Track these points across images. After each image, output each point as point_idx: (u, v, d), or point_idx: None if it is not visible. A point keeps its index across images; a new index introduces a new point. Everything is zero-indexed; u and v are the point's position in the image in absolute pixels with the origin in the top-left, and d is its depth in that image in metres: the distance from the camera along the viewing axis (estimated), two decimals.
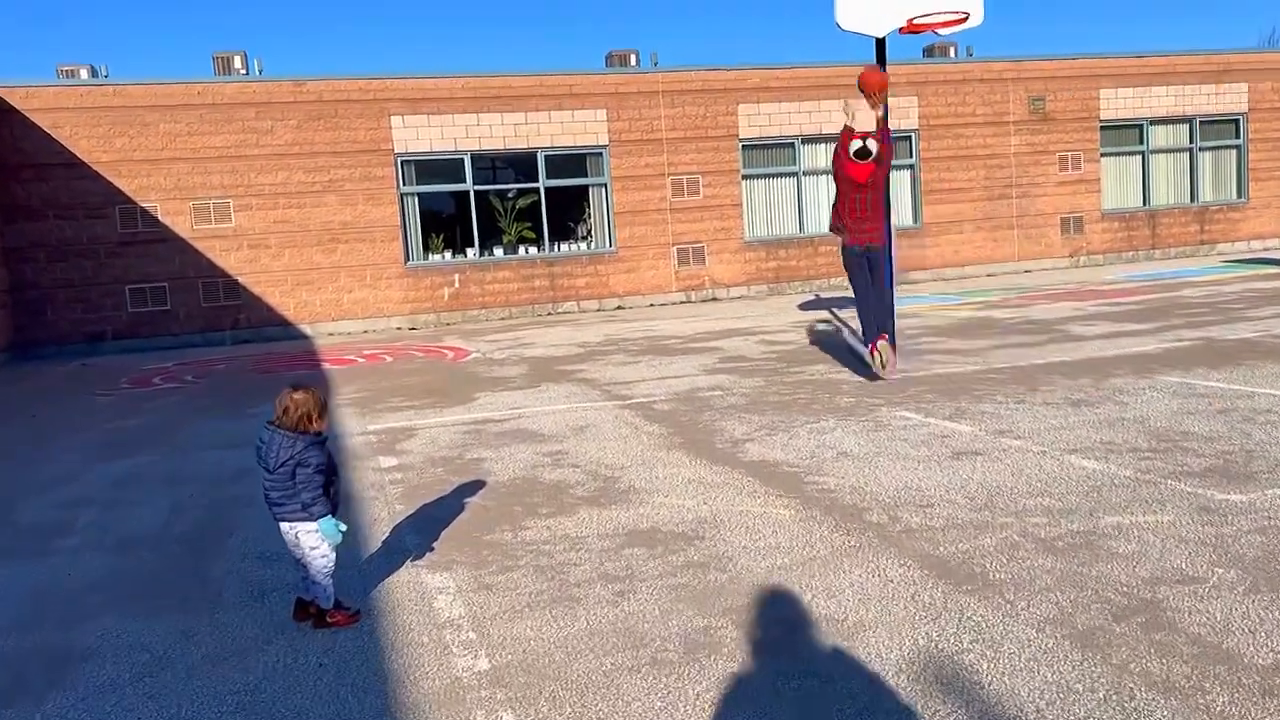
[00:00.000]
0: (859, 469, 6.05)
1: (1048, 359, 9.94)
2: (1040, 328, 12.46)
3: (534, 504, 5.73)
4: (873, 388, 8.92)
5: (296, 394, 3.91)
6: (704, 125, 19.83)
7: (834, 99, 20.49)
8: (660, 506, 5.48)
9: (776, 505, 5.36)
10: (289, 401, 3.89)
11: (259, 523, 5.66)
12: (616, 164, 19.43)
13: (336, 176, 18.06)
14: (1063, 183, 22.12)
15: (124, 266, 17.31)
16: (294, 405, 3.88)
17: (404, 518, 5.61)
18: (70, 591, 4.68)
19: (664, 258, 19.84)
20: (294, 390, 3.93)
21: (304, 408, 3.88)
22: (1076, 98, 21.97)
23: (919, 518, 4.97)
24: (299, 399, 3.89)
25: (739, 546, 4.69)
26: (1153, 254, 22.78)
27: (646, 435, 7.49)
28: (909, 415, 7.58)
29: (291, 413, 3.88)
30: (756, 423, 7.70)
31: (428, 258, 19.08)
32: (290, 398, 3.90)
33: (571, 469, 6.54)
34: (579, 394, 9.66)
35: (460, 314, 18.99)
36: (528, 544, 4.95)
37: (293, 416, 3.88)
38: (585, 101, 19.21)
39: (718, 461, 6.49)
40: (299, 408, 3.88)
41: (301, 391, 3.92)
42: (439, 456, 7.19)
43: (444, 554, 4.88)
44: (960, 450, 6.35)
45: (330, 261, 18.16)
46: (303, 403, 3.89)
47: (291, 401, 3.89)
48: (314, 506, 3.85)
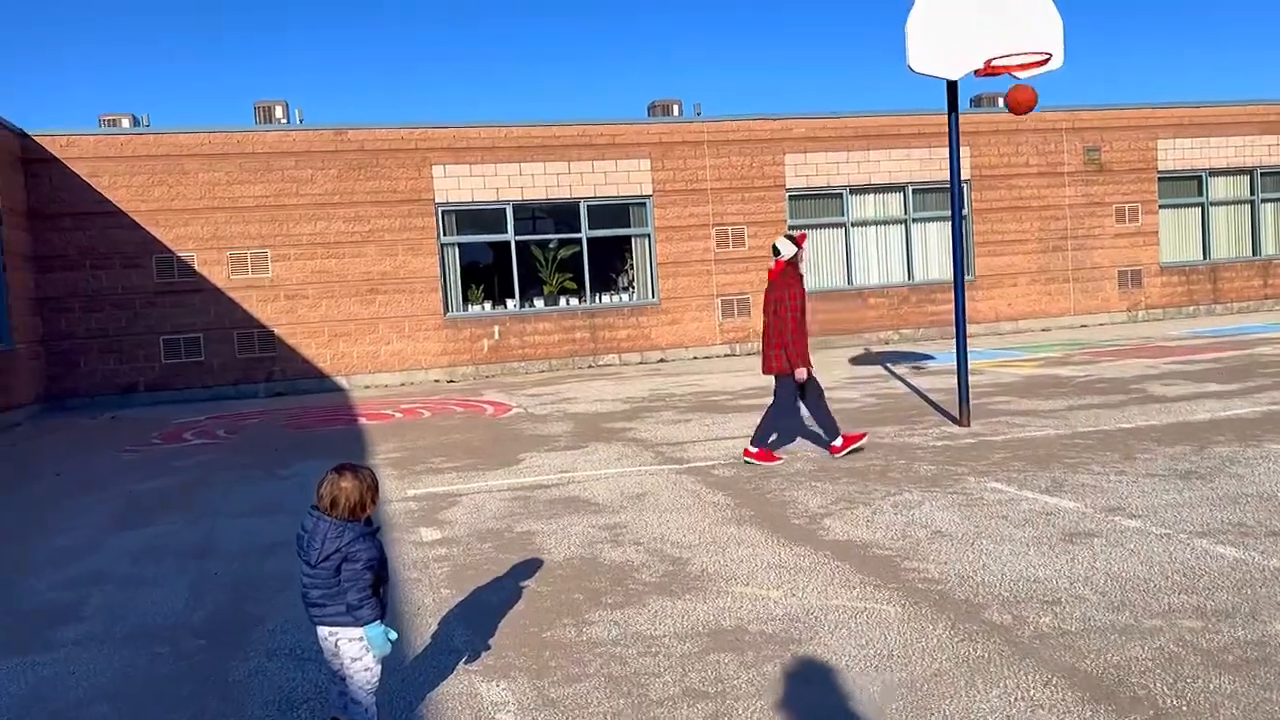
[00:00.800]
0: (961, 553, 5.36)
1: (1134, 422, 9.21)
2: (1115, 387, 11.72)
3: (596, 591, 5.08)
4: (953, 454, 8.23)
5: (345, 481, 3.31)
6: (749, 175, 19.36)
7: (883, 149, 20.01)
8: (741, 598, 4.82)
9: (877, 599, 4.68)
10: (337, 491, 3.29)
11: (289, 608, 5.06)
12: (660, 214, 18.97)
13: (376, 226, 17.71)
14: (1120, 235, 21.40)
15: (159, 317, 16.99)
16: (344, 495, 3.29)
17: (452, 606, 4.99)
18: (72, 699, 4.08)
19: (708, 310, 19.27)
20: (342, 475, 3.33)
21: (354, 496, 3.29)
22: (1133, 148, 21.32)
23: (1048, 618, 4.28)
24: (348, 488, 3.29)
25: (844, 655, 4.01)
26: (1214, 308, 21.92)
27: (711, 506, 6.84)
28: (1001, 487, 6.88)
29: (340, 503, 3.28)
30: (831, 493, 7.03)
31: (467, 309, 18.64)
32: (339, 486, 3.30)
33: (634, 547, 5.89)
34: (631, 456, 9.04)
35: (499, 366, 18.48)
36: (595, 645, 4.30)
37: (341, 507, 3.29)
38: (629, 151, 18.83)
39: (797, 541, 5.83)
40: (348, 497, 3.28)
41: (351, 477, 3.32)
42: (486, 529, 6.57)
43: (500, 655, 4.24)
44: (1071, 531, 5.65)
45: (369, 313, 17.75)
46: (352, 491, 3.29)
47: (340, 490, 3.29)
48: (361, 610, 3.24)
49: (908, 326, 20.36)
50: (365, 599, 3.24)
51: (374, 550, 3.29)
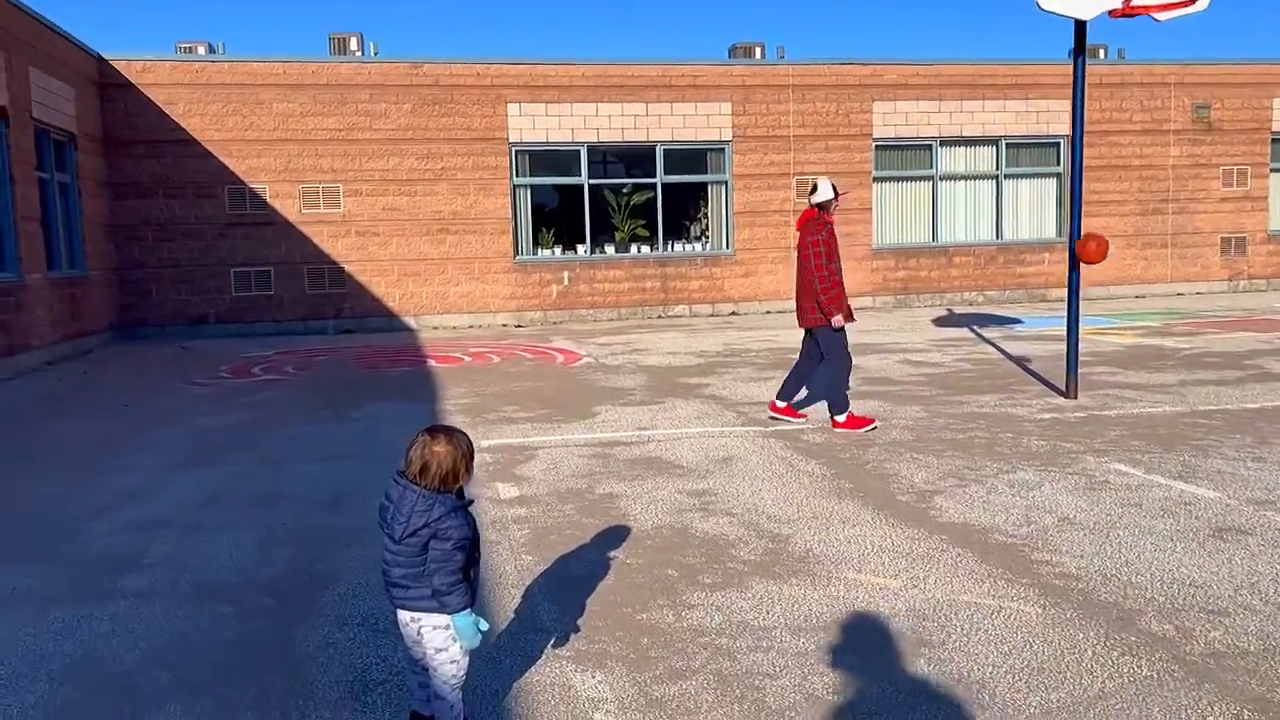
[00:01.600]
0: (1097, 546, 4.81)
1: (1260, 403, 8.49)
2: (1228, 361, 10.92)
3: (691, 568, 4.64)
4: (1064, 429, 7.62)
5: (439, 444, 2.86)
6: (834, 123, 18.54)
7: (977, 99, 19.02)
8: (855, 586, 4.34)
9: (1010, 596, 4.17)
10: (429, 456, 2.84)
11: (360, 568, 4.70)
12: (739, 161, 18.28)
13: (449, 165, 17.30)
14: (1225, 199, 20.20)
15: (230, 249, 16.83)
16: (436, 461, 2.84)
17: (535, 575, 4.58)
18: (127, 663, 3.75)
19: (783, 263, 18.59)
20: (435, 438, 2.87)
21: (447, 464, 2.85)
22: (1246, 106, 20.03)
23: (1218, 632, 3.74)
24: (441, 453, 2.84)
25: (985, 663, 3.52)
26: None
27: (806, 477, 6.35)
28: (1126, 470, 6.28)
29: (431, 469, 2.84)
30: (937, 468, 6.48)
31: (537, 253, 18.21)
32: (431, 450, 2.85)
33: (726, 518, 5.43)
34: (711, 415, 8.56)
35: (567, 313, 18.07)
36: (697, 633, 3.86)
37: (433, 475, 2.84)
38: (709, 94, 18.10)
39: (907, 521, 5.32)
40: (440, 464, 2.84)
41: (445, 441, 2.87)
42: (566, 489, 6.16)
43: (592, 638, 3.82)
44: (1220, 526, 5.06)
45: (438, 253, 17.42)
46: (446, 457, 2.84)
47: (432, 456, 2.84)
48: (449, 595, 2.81)
49: (993, 288, 19.50)
50: (454, 584, 2.81)
51: (466, 528, 2.85)
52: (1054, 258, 19.67)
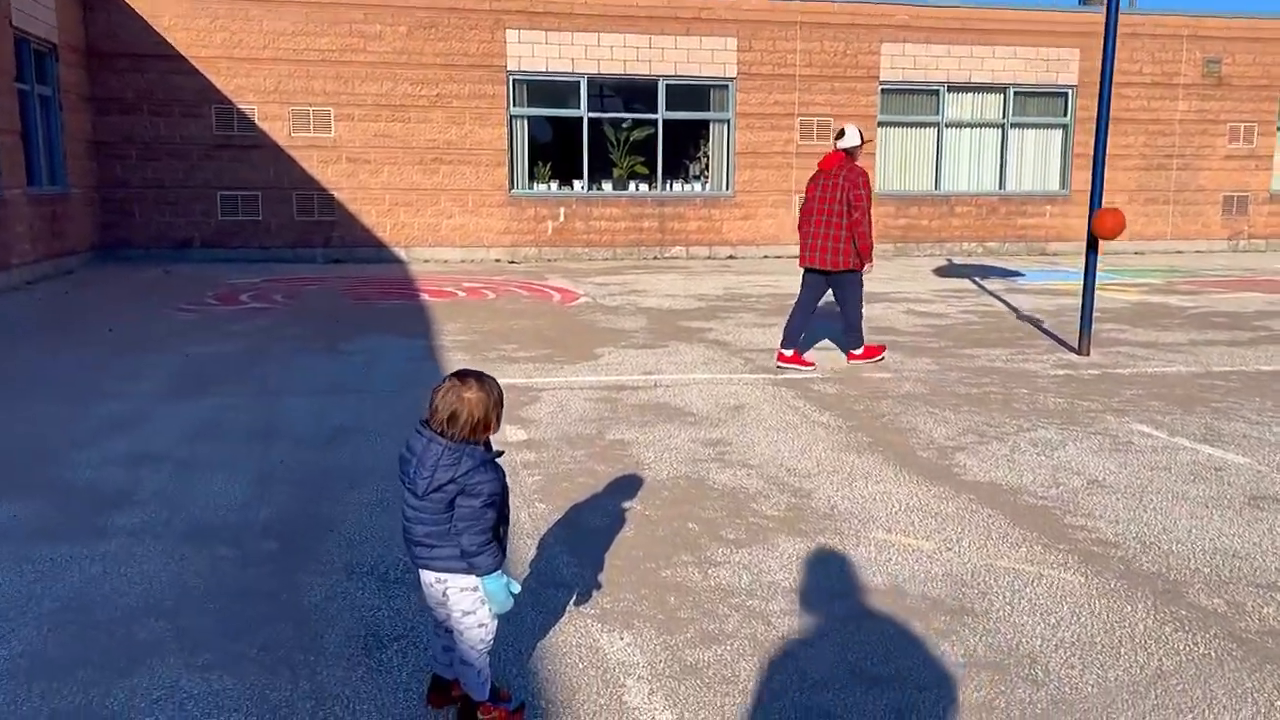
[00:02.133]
0: (1131, 511, 4.64)
1: (1275, 365, 8.35)
2: (1236, 321, 10.77)
3: (713, 522, 4.44)
4: (1079, 386, 7.44)
5: (469, 391, 2.59)
6: (842, 63, 18.08)
7: (987, 45, 18.59)
8: (887, 548, 4.15)
9: (1049, 562, 4.00)
10: (458, 403, 2.58)
11: (364, 512, 4.48)
12: (743, 99, 17.83)
13: (445, 92, 16.78)
14: (1230, 156, 19.94)
15: (216, 171, 16.34)
16: (467, 409, 2.58)
17: (550, 525, 4.37)
18: (120, 611, 3.52)
19: (784, 206, 18.26)
20: (465, 384, 2.61)
21: (479, 412, 2.59)
22: (1259, 62, 19.67)
23: (1271, 608, 3.57)
24: (472, 400, 2.58)
25: (1034, 635, 3.34)
26: None
27: (821, 428, 6.15)
28: (1149, 431, 6.11)
29: (461, 418, 2.58)
30: (955, 423, 6.30)
31: (533, 187, 17.79)
32: (461, 396, 2.58)
33: (744, 470, 5.23)
34: (718, 361, 8.34)
35: (562, 250, 17.72)
36: (727, 594, 3.67)
37: (462, 424, 2.58)
38: (715, 28, 17.59)
39: (932, 478, 5.13)
40: (471, 412, 2.59)
41: (476, 387, 2.60)
42: (575, 434, 5.94)
43: (615, 596, 3.62)
44: (1254, 495, 4.90)
45: (431, 183, 16.97)
46: (477, 405, 2.58)
47: (462, 403, 2.58)
48: (480, 556, 2.58)
49: (994, 239, 19.26)
50: (485, 544, 2.58)
51: (497, 483, 2.61)
52: (1055, 210, 19.42)
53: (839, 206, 7.72)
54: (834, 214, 7.75)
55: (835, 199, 7.75)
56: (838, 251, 7.78)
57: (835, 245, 7.78)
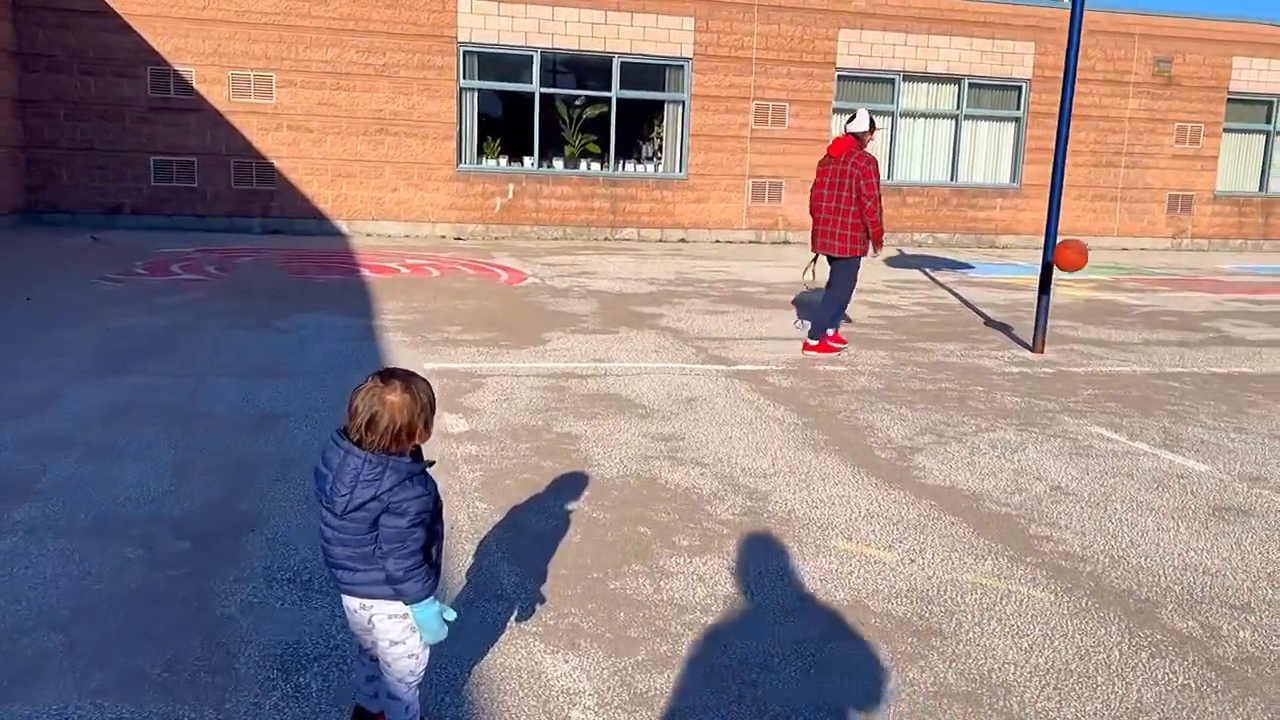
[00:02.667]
0: (1096, 521, 4.48)
1: (1225, 367, 8.32)
2: (1185, 321, 10.79)
3: (665, 526, 4.19)
4: (1035, 385, 7.32)
5: (393, 393, 2.29)
6: (799, 48, 17.86)
7: (944, 34, 18.50)
8: (848, 558, 3.93)
9: (1016, 578, 3.81)
10: (378, 406, 2.27)
11: (292, 508, 4.16)
12: (698, 81, 17.54)
13: (392, 61, 16.24)
14: (1177, 156, 20.14)
15: (150, 135, 15.65)
16: (389, 413, 2.27)
17: (490, 527, 4.09)
18: (7, 622, 3.17)
19: (737, 191, 18.05)
20: (388, 384, 2.30)
21: (403, 416, 2.29)
22: (1207, 64, 19.86)
23: (1247, 632, 3.42)
24: (396, 404, 2.28)
25: (1007, 661, 3.15)
26: (1262, 245, 20.87)
27: (776, 424, 5.93)
28: (1107, 434, 5.99)
29: (382, 424, 2.27)
30: (912, 421, 6.12)
31: (481, 162, 17.34)
32: (383, 399, 2.28)
33: (698, 469, 4.99)
34: (669, 349, 8.09)
35: (510, 228, 17.32)
36: (680, 608, 3.42)
37: (383, 431, 2.28)
38: (672, 7, 17.25)
39: (890, 481, 4.93)
40: (394, 417, 2.28)
41: (401, 388, 2.30)
42: (520, 424, 5.64)
43: (561, 610, 3.36)
44: (1218, 505, 4.78)
45: (376, 155, 16.45)
46: (402, 409, 2.28)
47: (384, 406, 2.27)
48: (407, 583, 2.29)
49: (944, 231, 19.24)
50: (413, 569, 2.29)
51: (427, 498, 2.31)
52: (1006, 203, 19.47)
53: (848, 194, 7.84)
54: (843, 200, 7.87)
55: (844, 185, 7.87)
56: (844, 238, 7.94)
57: (843, 231, 7.92)
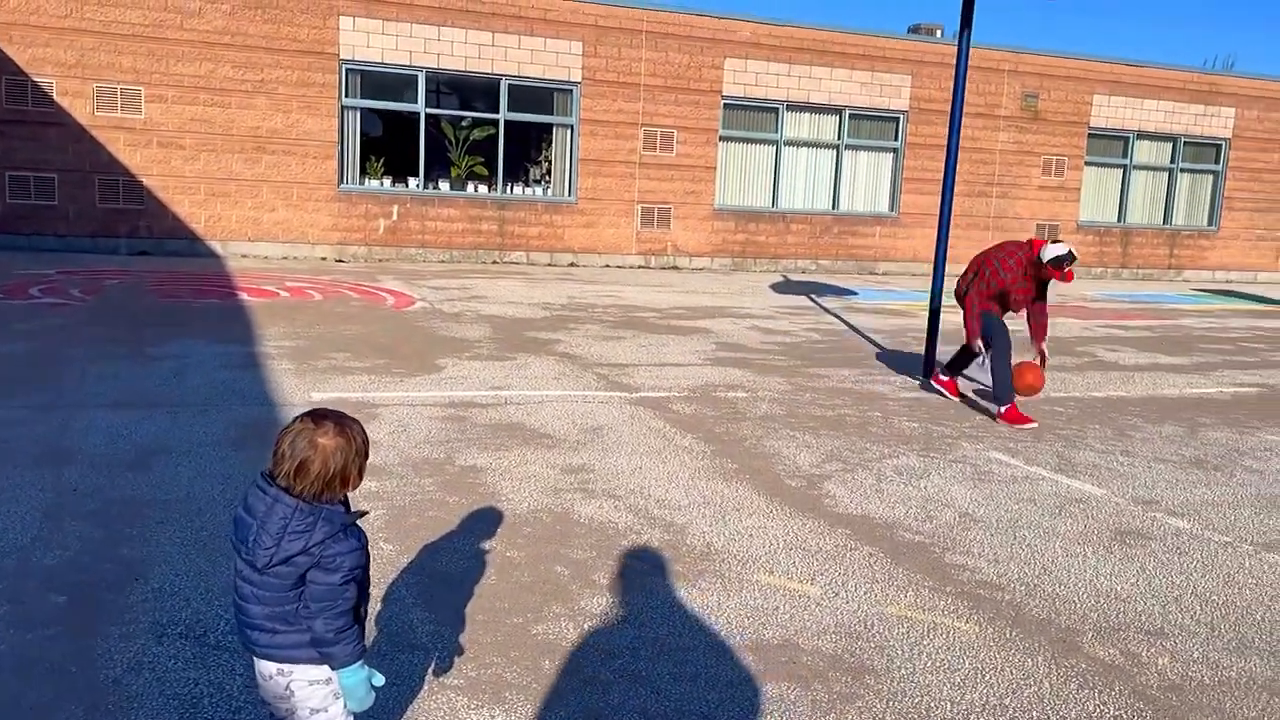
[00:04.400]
0: (1008, 548, 4.52)
1: (1105, 392, 8.66)
2: (1061, 347, 11.21)
3: (582, 564, 4.03)
4: (930, 410, 7.45)
5: (325, 435, 2.08)
6: (686, 75, 18.02)
7: (826, 66, 18.95)
8: (773, 593, 3.85)
9: (939, 609, 3.79)
10: (310, 449, 2.07)
11: (178, 553, 3.84)
12: (587, 105, 17.50)
13: (270, 77, 15.67)
14: (1044, 187, 21.09)
15: (5, 149, 14.67)
16: (321, 458, 2.07)
17: (399, 571, 3.85)
18: None
19: (626, 216, 18.04)
20: (320, 426, 2.10)
21: (336, 462, 2.09)
22: (1069, 99, 20.89)
23: (1165, 659, 3.47)
24: (329, 446, 2.08)
25: (943, 698, 3.10)
26: (1121, 273, 22.01)
27: (686, 453, 5.84)
28: (1005, 460, 6.11)
29: (313, 469, 2.07)
30: (818, 448, 6.12)
31: (364, 183, 16.88)
32: (315, 441, 2.07)
33: (610, 501, 4.85)
34: (570, 376, 7.93)
35: (395, 250, 16.88)
36: (608, 654, 3.26)
37: (314, 477, 2.08)
38: (561, 30, 17.18)
39: (804, 511, 4.89)
40: (328, 462, 2.08)
41: (335, 432, 2.10)
42: (421, 457, 5.40)
43: (481, 660, 3.16)
44: (1118, 529, 4.89)
45: (253, 174, 15.81)
46: (335, 453, 2.08)
47: (316, 449, 2.07)
48: (337, 645, 2.08)
49: (826, 258, 19.65)
50: (344, 629, 2.09)
51: (360, 553, 2.11)
52: (884, 231, 20.01)
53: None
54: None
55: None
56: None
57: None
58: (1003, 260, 7.51)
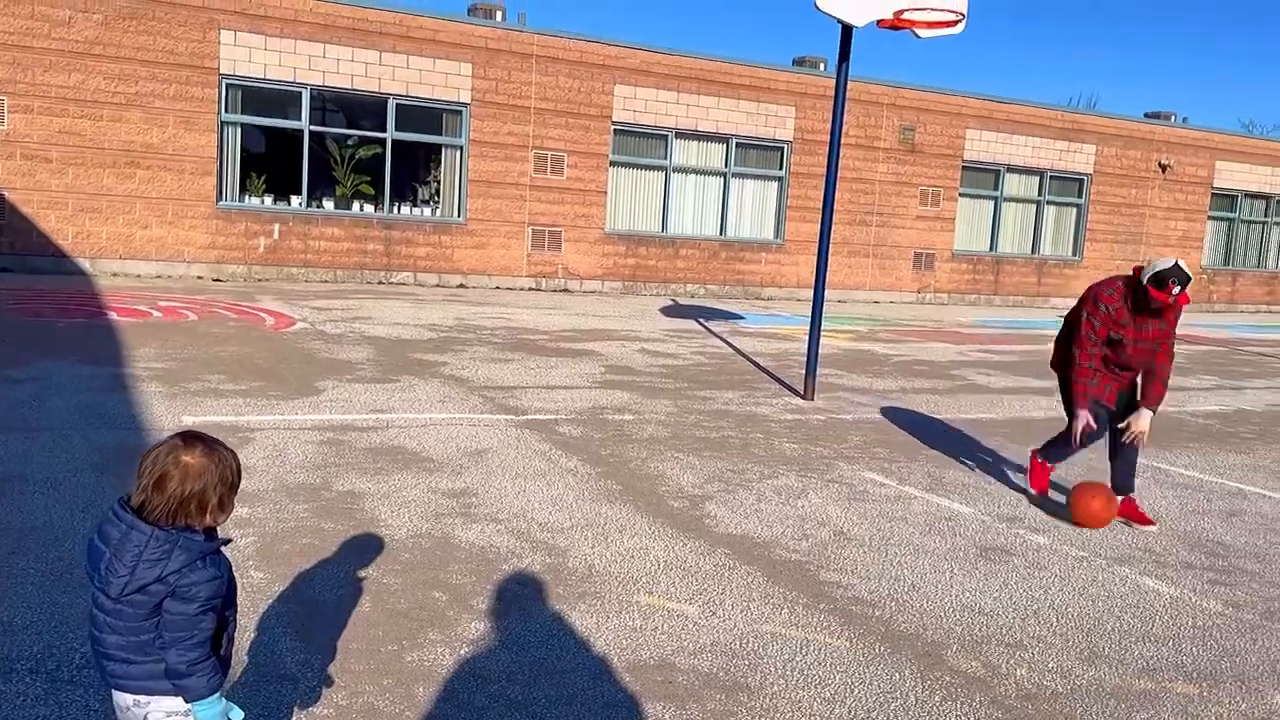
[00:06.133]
0: (879, 566, 4.66)
1: (975, 414, 9.00)
2: (936, 371, 11.64)
3: (461, 590, 3.99)
4: (810, 432, 7.63)
5: (190, 454, 2.03)
6: (576, 100, 18.13)
7: (713, 95, 19.33)
8: (651, 614, 3.88)
9: (813, 626, 3.88)
10: (172, 464, 2.01)
11: (31, 589, 3.66)
12: (477, 126, 17.43)
13: (145, 90, 15.15)
14: (921, 217, 21.88)
15: None
16: (179, 473, 2.01)
17: (271, 599, 3.75)
18: None
19: (517, 238, 18.00)
20: (186, 443, 2.05)
21: (195, 485, 2.03)
22: (945, 133, 21.77)
23: (1023, 669, 3.63)
24: (194, 465, 2.02)
25: (813, 713, 3.17)
26: (993, 299, 22.96)
27: (570, 475, 5.85)
28: (879, 480, 6.30)
29: (170, 486, 2.00)
30: (700, 469, 6.21)
31: (244, 200, 16.43)
32: (179, 458, 2.02)
33: (493, 525, 4.81)
34: (455, 399, 7.86)
35: (276, 269, 16.46)
36: (484, 679, 3.24)
37: (170, 494, 2.01)
38: (450, 51, 17.10)
39: (685, 531, 4.95)
40: (188, 481, 2.02)
41: (201, 450, 2.04)
42: (296, 483, 5.27)
43: (353, 689, 3.10)
44: (984, 545, 5.10)
45: (125, 189, 15.23)
46: (198, 473, 2.03)
47: (179, 466, 2.01)
48: (191, 677, 2.02)
49: (714, 283, 19.96)
50: (198, 661, 2.03)
51: (218, 583, 2.06)
52: (770, 257, 20.45)
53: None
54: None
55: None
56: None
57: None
58: (1100, 291, 5.62)
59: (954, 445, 7.53)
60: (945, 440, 7.69)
